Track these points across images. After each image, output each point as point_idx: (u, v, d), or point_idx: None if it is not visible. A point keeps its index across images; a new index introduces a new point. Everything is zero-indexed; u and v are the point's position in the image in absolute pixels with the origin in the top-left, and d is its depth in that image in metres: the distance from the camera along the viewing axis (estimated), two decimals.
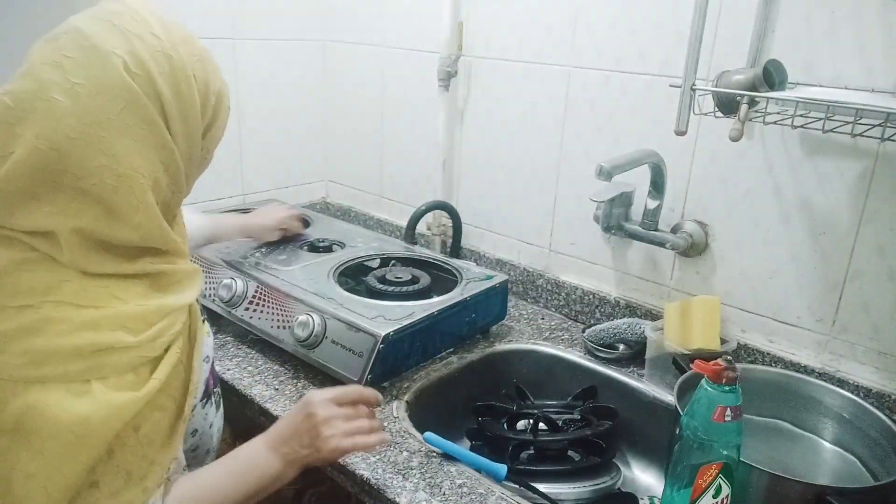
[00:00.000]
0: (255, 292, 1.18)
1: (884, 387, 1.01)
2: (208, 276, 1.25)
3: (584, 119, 1.28)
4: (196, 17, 1.47)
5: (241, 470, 0.78)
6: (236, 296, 1.19)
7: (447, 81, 1.45)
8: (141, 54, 0.66)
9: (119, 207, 0.66)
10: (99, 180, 0.65)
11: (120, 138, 0.65)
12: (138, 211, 0.67)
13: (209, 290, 1.24)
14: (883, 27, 0.92)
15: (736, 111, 0.93)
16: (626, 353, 1.20)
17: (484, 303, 1.21)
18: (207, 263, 1.27)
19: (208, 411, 0.86)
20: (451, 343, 1.19)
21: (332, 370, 1.05)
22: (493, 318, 1.26)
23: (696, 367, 0.76)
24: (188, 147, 0.72)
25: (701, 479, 0.74)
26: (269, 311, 1.15)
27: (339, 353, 1.04)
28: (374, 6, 1.60)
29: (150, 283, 0.72)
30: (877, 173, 0.97)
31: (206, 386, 0.84)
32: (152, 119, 0.67)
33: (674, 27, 1.12)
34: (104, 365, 0.65)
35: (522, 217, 1.44)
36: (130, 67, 0.65)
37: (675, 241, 1.15)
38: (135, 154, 0.66)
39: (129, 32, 0.66)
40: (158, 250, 0.73)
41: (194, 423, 0.83)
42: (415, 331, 1.08)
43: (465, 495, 0.85)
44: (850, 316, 1.03)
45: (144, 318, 0.68)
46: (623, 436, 1.12)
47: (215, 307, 1.22)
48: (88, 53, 0.64)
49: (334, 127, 1.80)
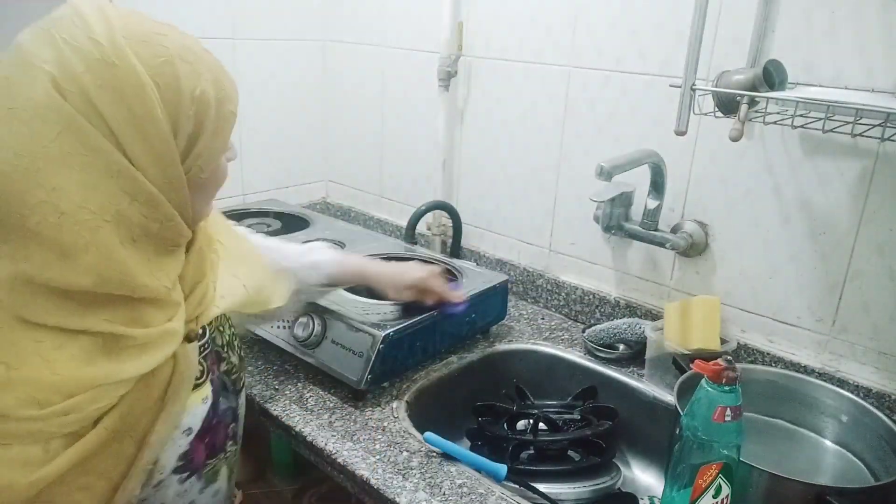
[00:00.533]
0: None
1: (884, 387, 1.01)
2: None
3: (584, 119, 1.28)
4: (196, 17, 1.47)
5: None
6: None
7: (447, 81, 1.45)
8: (73, 66, 0.56)
9: (67, 248, 0.57)
10: (42, 218, 0.56)
11: (58, 169, 0.56)
12: (87, 251, 0.58)
13: None
14: (883, 27, 0.92)
15: (736, 111, 0.93)
16: (626, 353, 1.20)
17: (484, 303, 1.21)
18: None
19: (188, 488, 0.74)
20: (451, 343, 1.19)
21: (332, 370, 1.05)
22: (493, 319, 1.26)
23: (696, 367, 0.76)
24: (161, 170, 0.61)
25: (701, 479, 0.74)
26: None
27: (340, 354, 1.04)
28: (374, 6, 1.60)
29: (101, 342, 0.61)
30: (877, 173, 0.97)
31: (191, 460, 0.72)
32: (96, 144, 0.57)
33: (674, 27, 1.12)
34: (4, 432, 0.57)
35: (522, 217, 1.44)
36: (60, 83, 0.56)
37: (675, 241, 1.15)
38: (78, 186, 0.57)
39: (63, 41, 0.56)
40: (127, 299, 0.62)
41: (164, 497, 0.71)
42: (415, 331, 1.08)
43: (465, 495, 0.85)
44: (850, 316, 1.03)
45: (62, 389, 0.59)
46: (623, 436, 1.12)
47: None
48: (20, 71, 0.56)
49: (334, 127, 1.80)
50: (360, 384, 1.01)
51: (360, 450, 0.93)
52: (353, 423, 0.99)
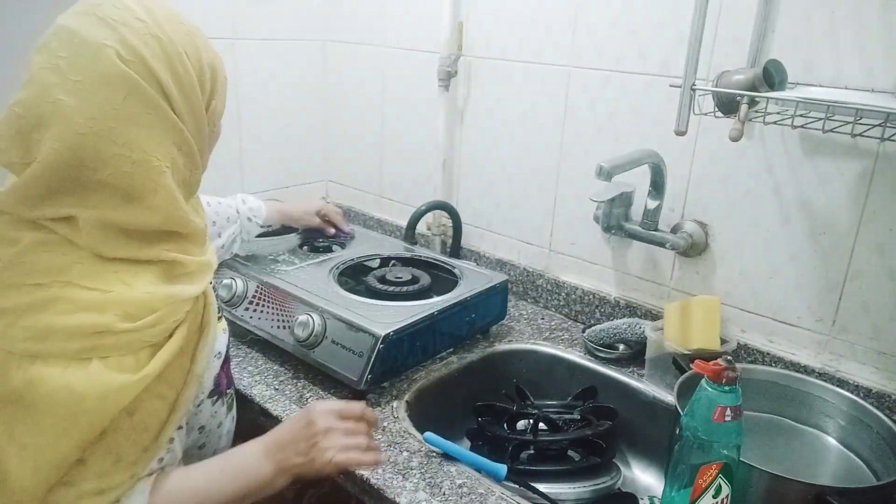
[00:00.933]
0: (255, 292, 1.18)
1: (884, 387, 1.01)
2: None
3: (584, 119, 1.28)
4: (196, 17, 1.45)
5: (233, 470, 0.78)
6: (236, 296, 1.19)
7: (447, 81, 1.45)
8: (131, 41, 0.67)
9: (137, 192, 0.68)
10: (115, 169, 0.67)
11: (128, 126, 0.67)
12: (156, 193, 0.69)
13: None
14: (883, 27, 0.92)
15: (736, 111, 0.93)
16: (626, 353, 1.20)
17: (484, 303, 1.21)
18: None
19: (217, 410, 0.86)
20: (451, 343, 1.19)
21: (332, 370, 1.05)
22: (493, 318, 1.26)
23: (696, 367, 0.76)
24: (195, 123, 0.74)
25: (701, 479, 0.74)
26: (269, 310, 1.15)
27: (339, 353, 1.04)
28: (374, 6, 1.60)
29: (161, 271, 0.73)
30: (877, 173, 0.97)
31: (218, 384, 0.84)
32: (156, 102, 0.68)
33: (674, 27, 1.12)
34: (103, 346, 0.66)
35: (522, 217, 1.44)
36: (123, 56, 0.66)
37: (675, 241, 1.15)
38: (146, 139, 0.68)
39: (115, 21, 0.67)
40: (178, 235, 0.74)
41: (201, 419, 0.83)
42: (415, 331, 1.08)
43: (465, 495, 0.85)
44: (850, 316, 1.03)
45: (147, 304, 0.69)
46: (623, 436, 1.12)
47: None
48: (80, 50, 0.66)
49: (334, 127, 1.80)
50: (360, 384, 1.01)
51: None
52: None
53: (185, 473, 0.76)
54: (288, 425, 0.83)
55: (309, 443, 0.80)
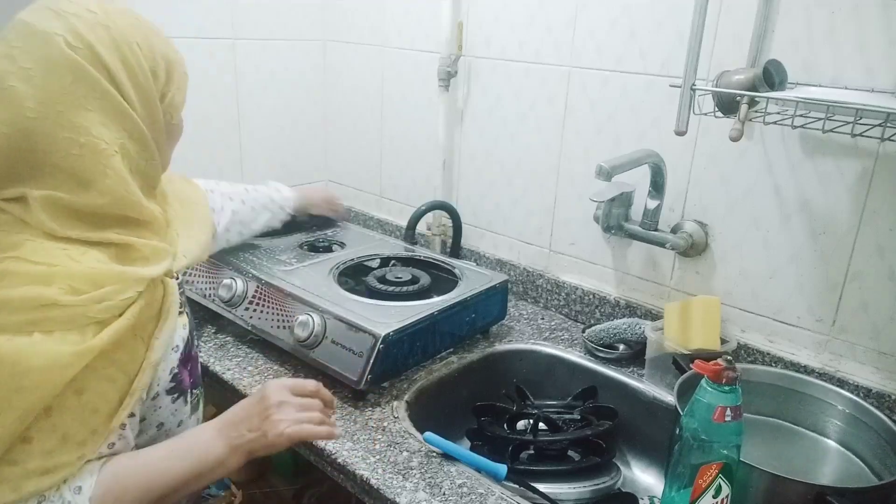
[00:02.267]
0: (255, 292, 1.18)
1: (884, 387, 1.01)
2: (209, 276, 1.26)
3: (584, 119, 1.28)
4: (196, 17, 1.47)
5: (183, 450, 0.77)
6: (236, 295, 1.19)
7: (447, 81, 1.45)
8: (79, 29, 0.70)
9: (87, 175, 0.71)
10: (65, 152, 0.69)
11: (77, 111, 0.69)
12: (106, 176, 0.71)
13: (209, 289, 1.24)
14: (883, 27, 0.92)
15: (736, 111, 0.93)
16: (626, 353, 1.20)
17: (484, 303, 1.21)
18: (207, 263, 1.27)
19: (178, 408, 0.84)
20: (451, 343, 1.19)
21: (332, 370, 1.05)
22: (493, 319, 1.26)
23: (696, 367, 0.76)
24: (148, 112, 0.76)
25: (701, 479, 0.74)
26: (269, 310, 1.15)
27: (339, 353, 1.04)
28: (374, 6, 1.60)
29: (113, 253, 0.74)
30: (877, 173, 0.97)
31: (180, 381, 0.83)
32: (103, 88, 0.71)
33: (674, 27, 1.12)
34: (47, 319, 0.67)
35: (522, 217, 1.44)
36: (71, 43, 0.69)
37: (675, 241, 1.15)
38: (94, 123, 0.70)
39: (66, 13, 0.71)
40: (132, 220, 0.76)
41: (160, 416, 0.82)
42: (415, 331, 1.08)
43: (465, 495, 0.85)
44: (850, 316, 1.03)
45: (93, 279, 0.70)
46: (623, 436, 1.12)
47: (215, 307, 1.22)
48: (31, 39, 0.69)
49: (334, 127, 1.80)
50: (359, 384, 1.01)
51: (360, 450, 0.93)
52: (353, 423, 0.99)
53: (134, 455, 0.75)
54: (241, 404, 0.82)
55: (261, 417, 0.79)
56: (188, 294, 1.07)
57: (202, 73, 1.51)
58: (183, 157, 1.52)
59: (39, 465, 0.67)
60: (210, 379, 1.11)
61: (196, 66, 1.49)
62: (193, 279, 1.27)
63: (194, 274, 1.28)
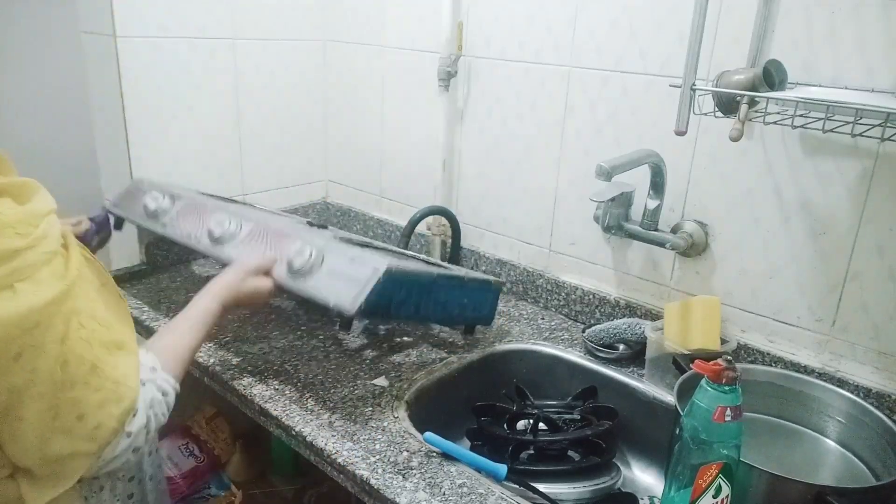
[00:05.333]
0: (249, 232, 1.15)
1: (884, 387, 1.01)
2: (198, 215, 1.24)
3: (584, 119, 1.28)
4: (196, 17, 1.47)
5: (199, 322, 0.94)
6: (227, 233, 1.16)
7: (447, 81, 1.45)
8: None
9: None
10: None
11: None
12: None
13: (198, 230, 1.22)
14: (883, 27, 0.92)
15: (736, 111, 0.93)
16: (626, 353, 1.20)
17: (478, 293, 1.20)
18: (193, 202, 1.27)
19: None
20: (440, 317, 1.16)
21: (322, 298, 1.00)
22: (482, 315, 1.24)
23: (696, 367, 0.76)
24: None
25: (701, 479, 0.74)
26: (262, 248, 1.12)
27: (334, 283, 1.00)
28: (374, 6, 1.60)
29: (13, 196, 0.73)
30: (877, 173, 0.97)
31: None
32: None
33: (674, 27, 1.12)
34: (17, 269, 0.67)
35: (522, 217, 1.44)
36: None
37: (675, 241, 1.15)
38: None
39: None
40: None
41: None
42: (414, 280, 1.05)
43: (465, 495, 0.85)
44: (850, 316, 1.03)
45: (25, 221, 0.70)
46: (623, 436, 1.12)
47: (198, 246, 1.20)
48: None
49: (334, 127, 1.80)
50: (351, 310, 0.96)
51: (360, 450, 0.93)
52: (353, 423, 0.99)
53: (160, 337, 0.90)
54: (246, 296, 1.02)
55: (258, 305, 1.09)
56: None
57: (202, 73, 1.51)
58: (183, 158, 1.53)
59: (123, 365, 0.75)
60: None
61: (196, 66, 1.49)
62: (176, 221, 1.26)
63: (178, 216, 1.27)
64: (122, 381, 0.74)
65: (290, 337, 1.24)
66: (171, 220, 1.26)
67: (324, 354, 1.19)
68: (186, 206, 1.27)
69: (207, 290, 0.99)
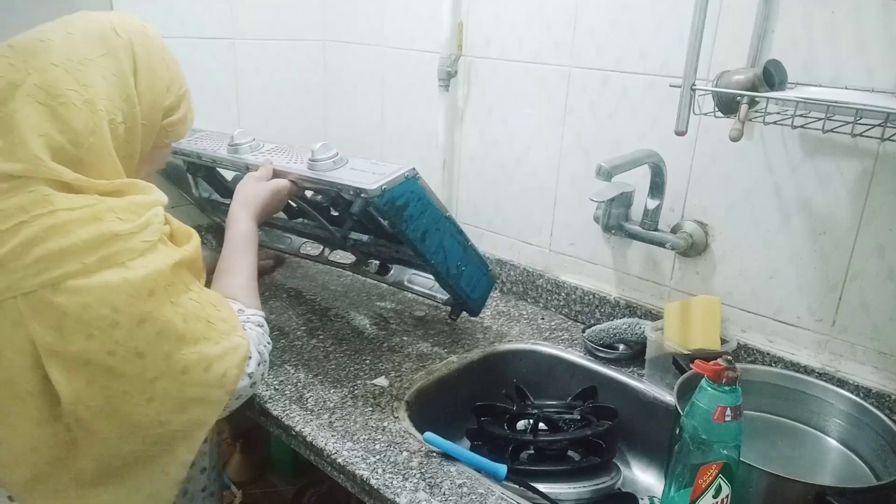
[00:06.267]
0: (273, 148, 1.20)
1: (884, 387, 1.01)
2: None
3: (584, 119, 1.28)
4: (196, 17, 1.47)
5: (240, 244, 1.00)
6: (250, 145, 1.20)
7: (447, 81, 1.45)
8: (129, 27, 0.83)
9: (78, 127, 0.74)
10: (68, 100, 0.74)
11: (94, 75, 0.77)
12: (94, 133, 0.76)
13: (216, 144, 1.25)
14: (883, 27, 0.92)
15: (736, 111, 0.93)
16: (626, 353, 1.20)
17: (476, 269, 1.19)
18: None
19: None
20: (438, 262, 1.12)
21: (343, 183, 1.02)
22: (473, 297, 1.21)
23: (696, 367, 0.76)
24: (149, 111, 0.84)
25: (701, 479, 0.74)
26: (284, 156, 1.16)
27: (357, 174, 1.03)
28: (374, 6, 1.60)
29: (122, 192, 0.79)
30: (877, 173, 0.97)
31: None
32: (124, 71, 0.80)
33: (674, 27, 1.12)
34: (114, 253, 0.72)
35: (522, 217, 1.44)
36: (117, 31, 0.81)
37: (675, 241, 1.15)
38: (102, 91, 0.77)
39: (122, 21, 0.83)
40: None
41: None
42: (431, 204, 1.06)
43: (465, 495, 0.85)
44: (850, 316, 1.03)
45: (129, 209, 0.76)
46: (623, 436, 1.12)
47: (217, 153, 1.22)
48: (85, 20, 0.80)
49: (334, 127, 1.80)
50: (370, 188, 0.98)
51: (360, 450, 0.93)
52: (353, 423, 0.99)
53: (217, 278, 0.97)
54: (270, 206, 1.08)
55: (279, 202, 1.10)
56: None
57: (202, 73, 1.51)
58: None
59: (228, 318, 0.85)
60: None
61: (196, 66, 1.49)
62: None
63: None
64: (232, 331, 0.83)
65: (291, 337, 1.24)
66: (189, 141, 1.28)
67: (324, 354, 1.19)
68: (206, 134, 1.31)
69: (235, 216, 1.03)
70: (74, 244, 0.69)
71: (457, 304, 1.25)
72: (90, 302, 0.69)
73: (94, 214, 0.72)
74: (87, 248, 0.70)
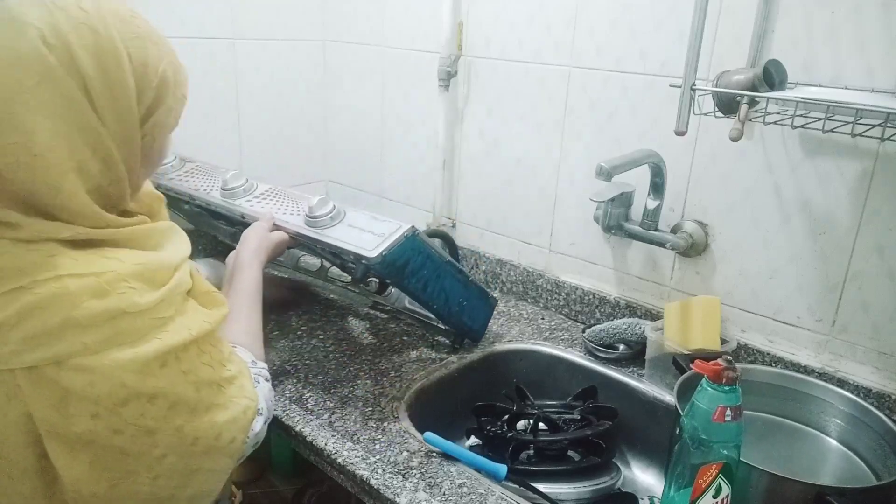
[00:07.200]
0: (265, 191, 1.18)
1: (884, 387, 1.01)
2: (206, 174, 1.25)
3: (584, 119, 1.28)
4: (196, 17, 1.47)
5: (249, 295, 0.97)
6: (243, 188, 1.18)
7: (447, 81, 1.45)
8: (61, 26, 0.61)
9: (38, 189, 0.62)
10: (15, 159, 0.60)
11: (34, 115, 0.60)
12: (59, 193, 0.63)
13: (208, 184, 1.23)
14: (883, 27, 0.92)
15: (736, 111, 0.93)
16: (626, 353, 1.20)
17: (477, 300, 1.19)
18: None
19: None
20: (439, 305, 1.14)
21: (343, 245, 1.01)
22: (474, 327, 1.22)
23: (696, 367, 0.76)
24: (121, 130, 0.67)
25: (701, 479, 0.74)
26: (279, 203, 1.15)
27: (356, 234, 1.02)
28: (374, 6, 1.60)
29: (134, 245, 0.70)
30: (877, 173, 0.97)
31: None
32: (71, 95, 0.62)
33: (674, 27, 1.12)
34: (120, 332, 0.63)
35: (522, 217, 1.44)
36: (47, 38, 0.60)
37: (675, 241, 1.15)
38: (50, 133, 0.61)
39: (53, 4, 0.61)
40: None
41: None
42: (430, 254, 1.07)
43: (465, 495, 0.85)
44: (850, 316, 1.03)
45: (145, 276, 0.66)
46: (623, 436, 1.12)
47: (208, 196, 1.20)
48: (5, 25, 0.59)
49: (334, 127, 1.80)
50: (371, 256, 0.98)
51: (360, 450, 0.93)
52: (353, 423, 0.99)
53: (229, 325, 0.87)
54: (273, 251, 1.06)
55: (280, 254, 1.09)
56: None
57: (202, 73, 1.51)
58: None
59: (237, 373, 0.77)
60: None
61: (196, 66, 1.49)
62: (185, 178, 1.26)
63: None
64: (243, 392, 0.77)
65: (291, 337, 1.24)
66: (178, 176, 1.26)
67: (324, 354, 1.19)
68: (197, 167, 1.29)
69: (245, 262, 1.00)
70: (78, 321, 0.60)
71: (459, 334, 1.24)
72: (96, 379, 0.62)
73: (101, 286, 0.62)
74: (92, 326, 0.61)
